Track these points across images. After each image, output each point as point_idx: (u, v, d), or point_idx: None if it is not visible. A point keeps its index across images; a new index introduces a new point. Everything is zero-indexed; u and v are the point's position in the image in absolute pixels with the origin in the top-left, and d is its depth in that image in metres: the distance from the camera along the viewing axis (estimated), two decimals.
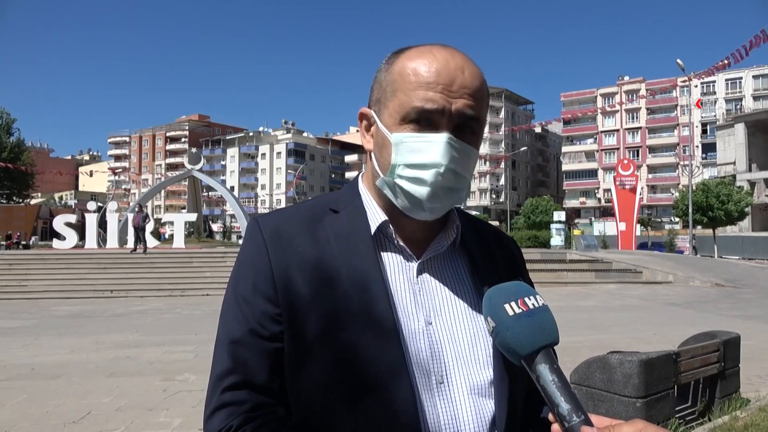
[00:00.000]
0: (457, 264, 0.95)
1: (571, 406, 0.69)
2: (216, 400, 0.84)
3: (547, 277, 17.85)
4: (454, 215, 0.97)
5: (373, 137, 0.93)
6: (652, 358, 3.98)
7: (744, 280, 18.04)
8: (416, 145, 0.85)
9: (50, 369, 6.78)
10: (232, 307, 0.89)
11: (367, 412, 0.81)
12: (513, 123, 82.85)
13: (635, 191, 32.43)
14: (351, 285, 0.85)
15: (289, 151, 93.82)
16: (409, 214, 0.89)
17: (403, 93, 0.86)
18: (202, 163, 30.58)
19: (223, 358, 0.86)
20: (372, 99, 0.94)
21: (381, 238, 0.92)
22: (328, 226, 0.91)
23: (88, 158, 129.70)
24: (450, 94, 0.84)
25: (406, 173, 0.86)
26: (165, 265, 18.82)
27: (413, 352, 0.84)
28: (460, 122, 0.86)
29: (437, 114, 0.84)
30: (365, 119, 0.95)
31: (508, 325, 0.74)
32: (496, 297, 0.77)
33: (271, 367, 0.84)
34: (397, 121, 0.87)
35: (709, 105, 71.14)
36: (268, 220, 0.93)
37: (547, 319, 0.75)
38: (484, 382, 0.86)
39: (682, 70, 28.03)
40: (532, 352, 0.72)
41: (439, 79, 0.84)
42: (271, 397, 0.84)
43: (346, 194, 0.98)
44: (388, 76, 0.90)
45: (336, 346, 0.82)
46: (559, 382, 0.71)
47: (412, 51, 0.90)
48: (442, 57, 0.86)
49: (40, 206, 46.88)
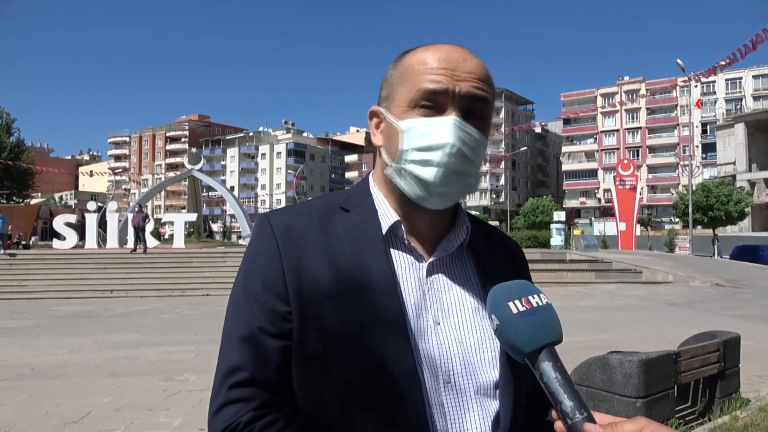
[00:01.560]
0: (465, 265, 0.95)
1: (574, 403, 0.70)
2: (223, 396, 0.83)
3: (547, 277, 17.83)
4: (463, 215, 0.98)
5: (382, 132, 0.94)
6: (652, 358, 3.98)
7: (744, 280, 18.03)
8: (424, 128, 0.87)
9: (50, 369, 6.78)
10: (241, 303, 0.88)
11: (377, 411, 0.81)
12: (513, 123, 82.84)
13: (635, 191, 32.42)
14: (362, 284, 0.85)
15: (289, 151, 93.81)
16: (419, 203, 0.89)
17: (409, 81, 0.89)
18: (202, 163, 30.57)
19: (230, 354, 0.86)
20: (381, 97, 0.96)
21: (392, 238, 0.92)
22: (339, 224, 0.91)
23: (88, 158, 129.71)
24: (454, 77, 0.87)
25: (415, 156, 0.87)
26: (165, 265, 18.81)
27: (422, 351, 0.84)
28: (467, 105, 0.87)
29: (443, 95, 0.86)
30: (375, 117, 0.96)
31: (512, 322, 0.74)
32: (500, 295, 0.77)
33: (279, 365, 0.84)
34: (405, 108, 0.89)
35: (709, 105, 71.16)
36: (279, 217, 0.93)
37: (551, 318, 0.76)
38: (490, 383, 0.87)
39: (682, 70, 28.01)
40: (535, 349, 0.73)
41: (445, 64, 0.87)
42: (279, 395, 0.84)
43: (356, 193, 0.98)
44: (396, 72, 0.93)
45: (346, 345, 0.82)
46: (563, 379, 0.72)
47: (418, 48, 0.93)
48: (447, 47, 0.90)
49: (40, 206, 46.85)
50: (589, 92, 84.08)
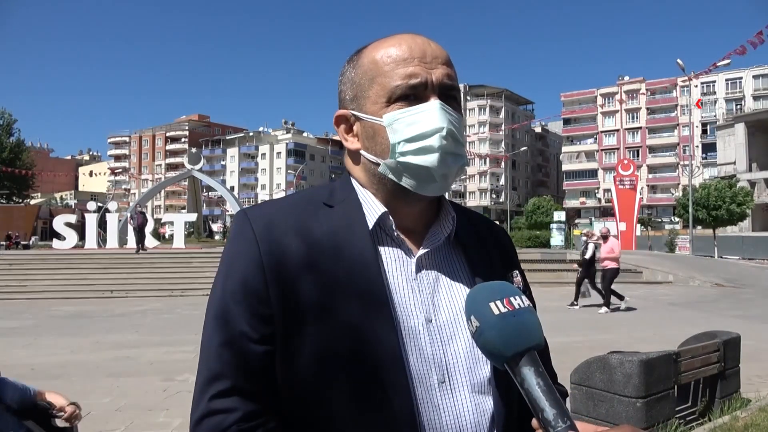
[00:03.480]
0: (452, 258, 0.93)
1: (556, 411, 0.67)
2: (204, 406, 0.80)
3: (547, 277, 17.84)
4: (447, 205, 0.95)
5: (357, 135, 0.92)
6: (652, 358, 3.98)
7: (744, 280, 18.02)
8: (411, 118, 0.85)
9: (50, 369, 6.79)
10: (220, 306, 0.84)
11: (364, 414, 0.79)
12: (513, 123, 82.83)
13: (635, 191, 32.40)
14: (349, 284, 0.82)
15: (289, 151, 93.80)
16: (418, 192, 0.88)
17: (381, 77, 0.87)
18: (202, 163, 30.58)
19: (210, 362, 0.82)
20: (345, 99, 0.93)
21: (378, 233, 0.89)
22: (323, 220, 0.87)
23: (88, 158, 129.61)
24: (426, 65, 0.87)
25: (409, 147, 0.85)
26: (165, 265, 18.81)
27: (414, 350, 0.82)
28: (442, 91, 0.87)
29: (421, 87, 0.86)
30: (343, 122, 0.94)
31: (493, 324, 0.70)
32: (481, 295, 0.74)
33: (261, 372, 0.81)
34: (382, 105, 0.87)
35: (709, 105, 71.11)
36: (258, 213, 0.88)
37: (533, 321, 0.72)
38: (483, 379, 0.85)
39: (682, 70, 28.00)
40: (517, 353, 0.69)
41: (413, 53, 0.87)
42: (262, 403, 0.80)
43: (339, 189, 0.93)
44: (359, 70, 0.91)
45: (332, 346, 0.79)
46: (545, 386, 0.68)
47: (374, 43, 0.92)
48: (408, 37, 0.90)
49: (40, 206, 46.87)
50: (589, 92, 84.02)
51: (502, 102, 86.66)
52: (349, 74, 0.93)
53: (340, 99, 0.95)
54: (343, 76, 0.94)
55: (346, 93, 0.93)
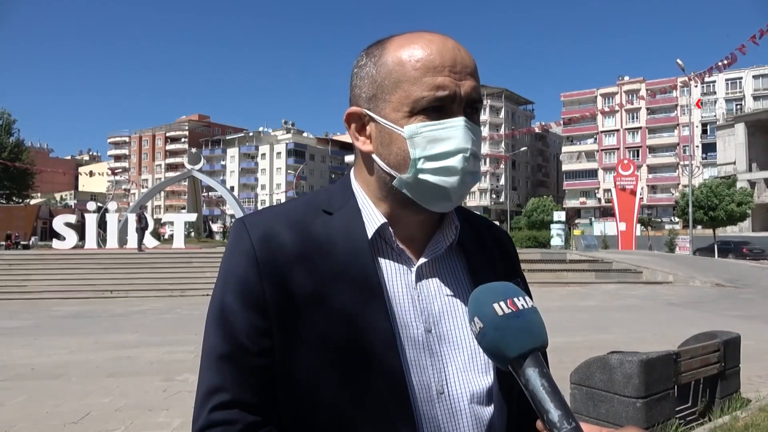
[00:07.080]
0: (455, 266, 0.91)
1: (561, 413, 0.66)
2: (204, 419, 0.79)
3: (547, 277, 17.85)
4: (451, 212, 0.92)
5: (370, 137, 0.87)
6: (653, 358, 3.98)
7: (744, 280, 18.03)
8: (435, 134, 0.81)
9: (50, 369, 6.79)
10: (218, 318, 0.83)
11: (363, 427, 0.78)
12: (513, 123, 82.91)
13: (635, 191, 32.40)
14: (347, 294, 0.80)
15: (289, 151, 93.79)
16: (428, 207, 0.85)
17: (407, 83, 0.81)
18: (202, 163, 30.55)
19: (210, 374, 0.81)
20: (362, 97, 0.87)
21: (378, 242, 0.87)
22: (322, 229, 0.85)
23: (87, 158, 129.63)
24: (456, 76, 0.81)
25: (429, 165, 0.81)
26: (165, 265, 18.82)
27: (413, 361, 0.81)
28: (468, 104, 0.83)
29: (448, 100, 0.81)
30: (355, 121, 0.88)
31: (496, 324, 0.70)
32: (484, 296, 0.73)
33: (261, 385, 0.80)
34: (404, 114, 0.82)
35: (709, 105, 71.13)
36: (256, 221, 0.87)
37: (537, 321, 0.72)
38: (483, 390, 0.84)
39: (682, 70, 28.01)
40: (521, 354, 0.69)
41: (444, 62, 0.81)
42: (262, 416, 0.80)
43: (338, 194, 0.91)
44: (382, 69, 0.84)
45: (331, 358, 0.78)
46: (549, 387, 0.68)
47: (400, 39, 0.85)
48: (437, 39, 0.83)
49: (39, 206, 46.77)
50: (589, 92, 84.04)
51: (502, 102, 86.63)
52: (369, 70, 0.86)
53: (353, 94, 0.89)
54: (361, 70, 0.87)
55: (363, 90, 0.87)
